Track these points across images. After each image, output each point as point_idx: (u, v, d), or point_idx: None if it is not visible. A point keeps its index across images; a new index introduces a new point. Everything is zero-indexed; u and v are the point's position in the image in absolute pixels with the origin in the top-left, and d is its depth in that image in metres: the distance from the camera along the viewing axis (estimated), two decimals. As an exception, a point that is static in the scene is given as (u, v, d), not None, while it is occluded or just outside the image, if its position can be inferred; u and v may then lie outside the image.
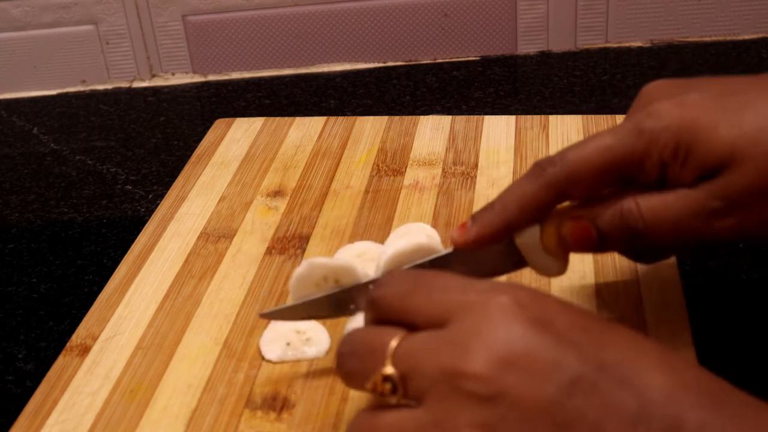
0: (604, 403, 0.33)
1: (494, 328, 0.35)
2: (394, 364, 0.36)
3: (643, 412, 0.33)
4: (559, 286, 0.55)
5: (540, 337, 0.35)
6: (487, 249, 0.47)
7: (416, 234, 0.50)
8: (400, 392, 0.36)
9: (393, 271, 0.43)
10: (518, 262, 0.47)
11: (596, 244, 0.46)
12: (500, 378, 0.34)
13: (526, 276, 0.51)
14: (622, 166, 0.44)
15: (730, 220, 0.43)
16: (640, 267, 0.55)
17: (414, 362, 0.36)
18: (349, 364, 0.39)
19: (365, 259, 0.57)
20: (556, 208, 0.46)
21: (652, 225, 0.44)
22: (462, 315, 0.36)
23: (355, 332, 0.40)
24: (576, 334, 0.35)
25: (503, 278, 0.49)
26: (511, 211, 0.46)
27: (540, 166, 0.46)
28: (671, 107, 0.44)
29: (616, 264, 0.56)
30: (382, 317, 0.39)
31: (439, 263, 0.48)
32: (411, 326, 0.38)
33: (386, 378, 0.36)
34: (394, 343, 0.37)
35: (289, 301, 0.49)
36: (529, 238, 0.46)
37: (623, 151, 0.44)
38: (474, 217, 0.47)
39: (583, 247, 0.46)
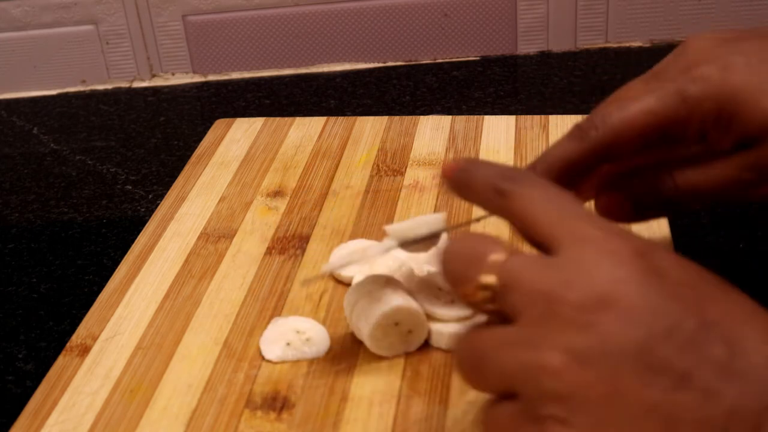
0: (697, 357, 0.33)
1: (603, 265, 0.35)
2: (498, 275, 0.36)
3: (739, 370, 0.32)
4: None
5: (646, 285, 0.34)
6: None
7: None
8: (497, 304, 0.36)
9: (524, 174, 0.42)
10: None
11: (630, 216, 0.47)
12: (596, 312, 0.34)
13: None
14: (664, 130, 0.45)
15: (764, 188, 0.44)
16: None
17: (517, 278, 0.36)
18: (453, 264, 0.38)
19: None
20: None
21: (690, 197, 0.45)
22: (575, 245, 0.36)
23: (466, 236, 0.40)
24: (685, 289, 0.35)
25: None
26: (554, 173, 0.46)
27: (582, 129, 0.46)
28: (716, 72, 0.44)
29: (616, 264, 0.56)
30: (505, 213, 0.39)
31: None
32: (530, 234, 0.38)
33: (486, 286, 0.36)
34: (501, 256, 0.37)
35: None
36: None
37: (666, 116, 0.45)
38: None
39: (615, 219, 0.47)
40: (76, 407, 0.50)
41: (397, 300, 0.49)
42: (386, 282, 0.50)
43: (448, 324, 0.51)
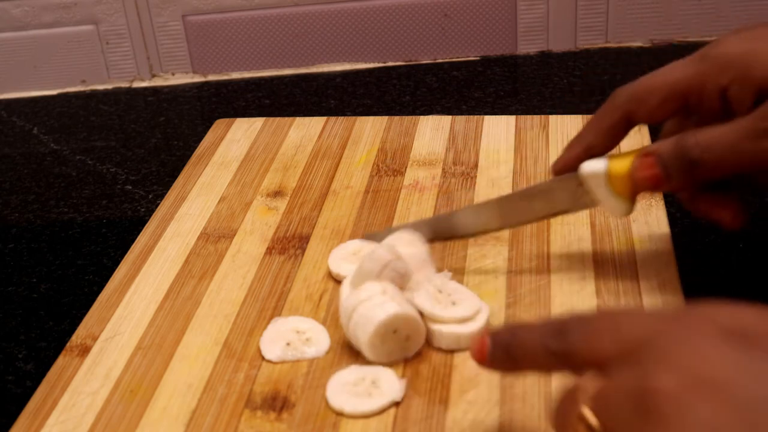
0: None
1: (688, 347, 0.32)
2: (594, 414, 0.34)
3: None
4: (559, 286, 0.55)
5: (734, 355, 0.32)
6: (560, 188, 0.53)
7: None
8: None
9: (565, 318, 0.40)
10: (589, 201, 0.53)
11: (662, 179, 0.49)
12: (688, 397, 0.31)
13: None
14: (684, 88, 0.49)
15: None
16: (640, 266, 0.55)
17: (609, 406, 0.34)
18: (555, 418, 0.37)
19: (360, 257, 0.57)
20: (625, 152, 0.51)
21: (707, 151, 0.47)
22: (653, 341, 0.34)
23: (560, 393, 0.37)
24: None
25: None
26: (588, 134, 0.52)
27: (614, 93, 0.51)
28: (735, 39, 0.48)
29: (616, 264, 0.56)
30: (572, 365, 0.37)
31: (523, 197, 0.55)
32: (602, 365, 0.35)
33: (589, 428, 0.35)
34: (587, 392, 0.35)
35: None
36: (596, 179, 0.51)
37: (687, 74, 0.49)
38: (563, 150, 0.54)
39: (649, 183, 0.49)
40: (76, 407, 0.50)
41: (394, 307, 0.49)
42: (383, 290, 0.50)
43: (448, 324, 0.51)
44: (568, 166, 0.53)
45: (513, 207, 0.56)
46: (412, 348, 0.50)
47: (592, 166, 0.52)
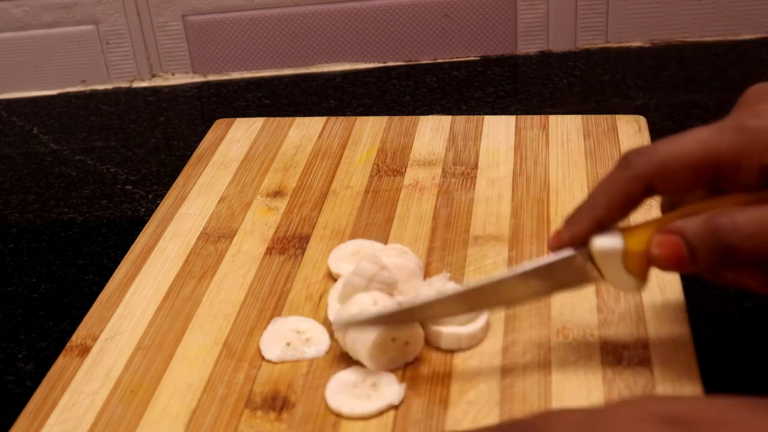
0: None
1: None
2: None
3: None
4: (559, 286, 0.55)
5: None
6: (565, 266, 0.46)
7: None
8: None
9: (504, 424, 0.42)
10: (597, 278, 0.46)
11: (686, 261, 0.43)
12: None
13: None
14: (718, 163, 0.42)
15: None
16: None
17: None
18: None
19: (360, 257, 0.57)
20: (640, 225, 0.45)
21: (749, 239, 0.41)
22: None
23: None
24: (714, 427, 0.34)
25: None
26: (599, 208, 0.45)
27: (627, 158, 0.44)
28: None
29: (616, 264, 0.56)
30: None
31: (517, 277, 0.47)
32: None
33: None
34: None
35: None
36: (609, 257, 0.45)
37: (721, 147, 0.42)
38: (566, 220, 0.46)
39: (671, 264, 0.43)
40: (76, 407, 0.50)
41: None
42: (373, 301, 0.50)
43: (447, 325, 0.51)
44: (574, 242, 0.45)
45: (503, 290, 0.48)
46: (412, 352, 0.50)
47: (607, 243, 0.45)
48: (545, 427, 0.36)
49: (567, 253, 0.46)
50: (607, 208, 0.44)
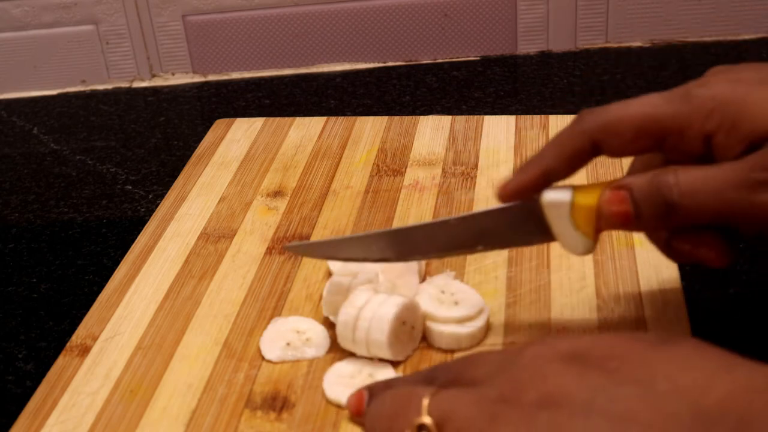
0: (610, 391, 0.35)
1: (531, 370, 0.37)
2: (430, 414, 0.38)
3: (649, 396, 0.34)
4: (559, 286, 0.55)
5: (572, 373, 0.36)
6: (515, 220, 0.46)
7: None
8: None
9: (433, 367, 0.45)
10: (546, 234, 0.46)
11: (632, 218, 0.44)
12: (530, 408, 0.36)
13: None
14: (663, 127, 0.43)
15: None
16: (640, 266, 0.55)
17: (450, 407, 0.38)
18: (382, 422, 0.40)
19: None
20: (591, 184, 0.45)
21: (688, 195, 0.42)
22: (503, 371, 0.38)
23: (386, 394, 0.42)
24: (611, 361, 0.36)
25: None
26: (547, 158, 0.45)
27: (581, 115, 0.45)
28: (724, 80, 0.43)
29: (616, 264, 0.56)
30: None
31: (463, 223, 0.48)
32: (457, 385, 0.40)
33: (422, 427, 0.38)
34: (427, 397, 0.38)
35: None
36: (558, 211, 0.45)
37: (667, 112, 0.43)
38: (516, 171, 0.47)
39: (618, 220, 0.44)
40: (76, 407, 0.50)
41: (399, 298, 0.50)
42: (374, 290, 0.50)
43: (448, 324, 0.51)
44: (521, 192, 0.46)
45: (448, 234, 0.48)
46: (417, 337, 0.51)
47: (556, 195, 0.45)
48: (469, 365, 0.41)
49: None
50: (555, 160, 0.45)
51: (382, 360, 0.50)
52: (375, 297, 0.50)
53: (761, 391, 0.34)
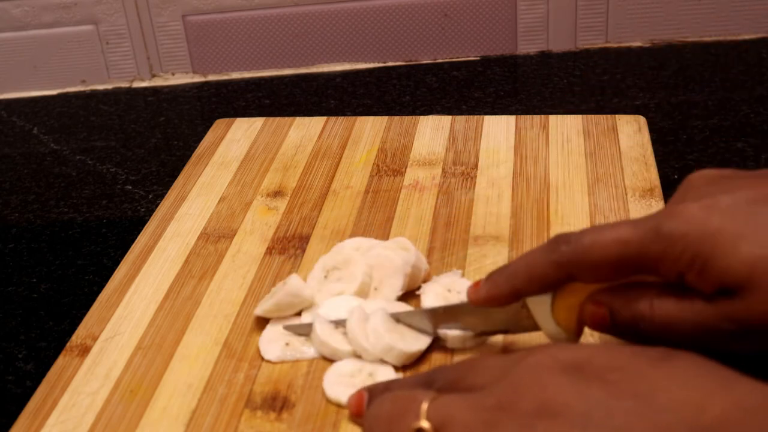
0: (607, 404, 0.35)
1: (531, 379, 0.37)
2: (428, 418, 0.38)
3: (645, 413, 0.34)
4: (559, 286, 0.55)
5: (572, 383, 0.36)
6: (502, 308, 0.47)
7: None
8: None
9: (434, 369, 0.46)
10: (532, 325, 0.47)
11: (609, 329, 0.45)
12: (529, 417, 0.36)
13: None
14: (635, 264, 0.42)
15: (745, 343, 0.41)
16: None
17: (448, 413, 0.38)
18: (381, 425, 0.41)
19: (361, 252, 0.57)
20: (573, 284, 0.45)
21: (663, 328, 0.42)
22: (504, 377, 0.38)
23: (385, 396, 0.42)
24: (611, 373, 0.37)
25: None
26: (519, 279, 0.46)
27: (556, 241, 0.44)
28: (696, 211, 0.41)
29: (616, 264, 0.56)
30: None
31: (453, 311, 0.50)
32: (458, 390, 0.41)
33: (420, 431, 0.38)
34: (426, 401, 0.39)
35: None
36: (540, 306, 0.46)
37: (638, 250, 0.42)
38: (488, 277, 0.47)
39: (597, 329, 0.45)
40: (76, 407, 0.50)
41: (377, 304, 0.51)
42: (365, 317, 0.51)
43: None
44: (492, 302, 0.47)
45: (445, 319, 0.50)
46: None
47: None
48: (470, 370, 0.41)
49: None
50: (526, 282, 0.45)
51: (383, 360, 0.50)
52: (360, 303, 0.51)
53: (759, 410, 0.34)
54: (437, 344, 0.51)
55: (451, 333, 0.50)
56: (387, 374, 0.49)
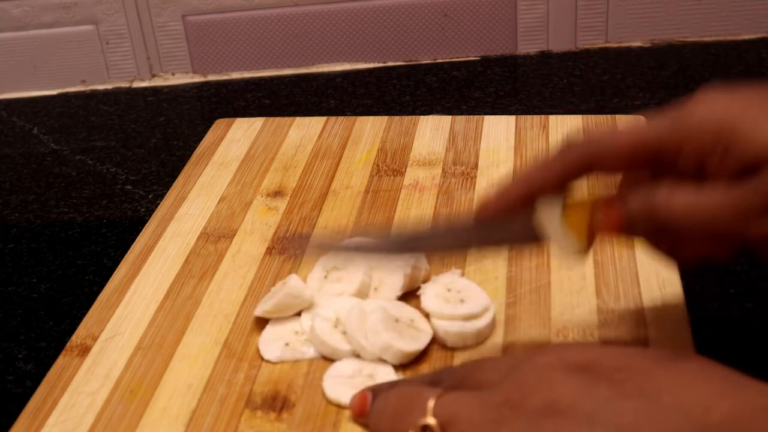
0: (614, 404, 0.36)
1: (538, 378, 0.38)
2: (435, 415, 0.38)
3: (650, 411, 0.35)
4: (559, 286, 0.55)
5: (579, 383, 0.37)
6: (506, 221, 0.46)
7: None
8: None
9: (438, 370, 0.48)
10: (537, 237, 0.46)
11: (624, 228, 0.44)
12: (536, 415, 0.36)
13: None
14: (655, 149, 0.43)
15: (765, 223, 0.40)
16: (640, 266, 0.55)
17: (455, 409, 0.38)
18: (386, 421, 0.41)
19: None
20: (583, 196, 0.45)
21: (682, 219, 0.42)
22: (511, 375, 0.39)
23: (391, 392, 0.42)
24: (618, 373, 0.37)
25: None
26: (535, 178, 0.45)
27: (568, 141, 0.45)
28: (717, 99, 0.42)
29: (616, 264, 0.56)
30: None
31: (459, 232, 0.48)
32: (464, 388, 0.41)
33: (426, 428, 0.38)
34: (433, 398, 0.39)
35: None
36: (551, 212, 0.45)
37: (659, 134, 0.43)
38: (496, 189, 0.46)
39: (611, 228, 0.44)
40: (76, 407, 0.50)
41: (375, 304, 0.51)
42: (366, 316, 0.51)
43: (453, 322, 0.51)
44: (502, 208, 0.46)
45: (467, 232, 0.49)
46: (423, 327, 0.51)
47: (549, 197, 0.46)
48: (476, 369, 0.41)
49: None
50: (544, 178, 0.45)
51: (382, 360, 0.50)
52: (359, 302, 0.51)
53: (765, 411, 0.34)
54: (437, 344, 0.51)
55: (452, 327, 0.50)
56: (387, 374, 0.49)
